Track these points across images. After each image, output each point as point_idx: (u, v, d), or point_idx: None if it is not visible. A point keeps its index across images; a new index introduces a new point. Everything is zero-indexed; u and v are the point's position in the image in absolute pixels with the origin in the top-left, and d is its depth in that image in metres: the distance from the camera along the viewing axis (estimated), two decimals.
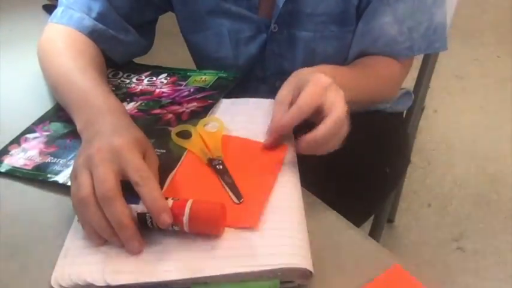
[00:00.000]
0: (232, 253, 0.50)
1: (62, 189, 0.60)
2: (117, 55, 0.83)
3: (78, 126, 0.61)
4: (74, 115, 0.64)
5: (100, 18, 0.78)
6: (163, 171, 0.60)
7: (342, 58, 0.84)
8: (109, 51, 0.80)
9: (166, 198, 0.51)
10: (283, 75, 0.89)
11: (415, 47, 0.82)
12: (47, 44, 0.77)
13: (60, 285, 0.49)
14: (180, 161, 0.62)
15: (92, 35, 0.77)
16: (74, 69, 0.69)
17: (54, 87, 0.72)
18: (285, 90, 0.63)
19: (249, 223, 0.52)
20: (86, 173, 0.51)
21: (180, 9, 0.87)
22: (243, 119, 0.69)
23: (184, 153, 0.63)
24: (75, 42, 0.76)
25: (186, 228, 0.50)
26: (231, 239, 0.51)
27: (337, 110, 0.58)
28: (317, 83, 0.60)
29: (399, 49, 0.82)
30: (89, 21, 0.77)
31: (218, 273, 0.48)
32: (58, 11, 0.80)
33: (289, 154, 0.63)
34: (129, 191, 0.51)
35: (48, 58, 0.74)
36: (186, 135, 0.66)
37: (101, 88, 0.64)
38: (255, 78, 0.89)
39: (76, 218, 0.56)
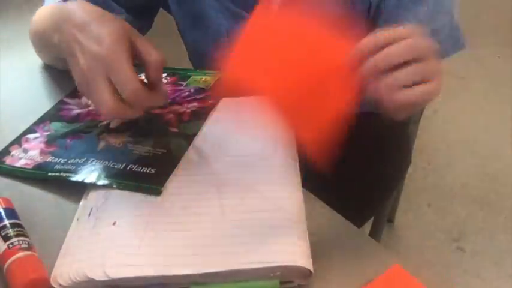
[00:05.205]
0: (232, 250, 0.50)
1: (62, 189, 0.60)
2: None
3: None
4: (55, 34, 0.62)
5: None
6: (165, 170, 0.60)
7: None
8: None
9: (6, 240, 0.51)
10: None
11: (442, 49, 0.81)
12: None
13: (60, 285, 0.49)
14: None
15: None
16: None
17: (39, 33, 0.71)
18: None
19: None
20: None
21: (176, 9, 0.86)
22: (245, 116, 0.68)
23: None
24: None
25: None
26: (231, 236, 0.52)
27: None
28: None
29: None
30: None
31: (218, 269, 0.48)
32: None
33: (290, 154, 0.63)
34: None
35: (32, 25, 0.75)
36: None
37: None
38: None
39: (76, 217, 0.56)
